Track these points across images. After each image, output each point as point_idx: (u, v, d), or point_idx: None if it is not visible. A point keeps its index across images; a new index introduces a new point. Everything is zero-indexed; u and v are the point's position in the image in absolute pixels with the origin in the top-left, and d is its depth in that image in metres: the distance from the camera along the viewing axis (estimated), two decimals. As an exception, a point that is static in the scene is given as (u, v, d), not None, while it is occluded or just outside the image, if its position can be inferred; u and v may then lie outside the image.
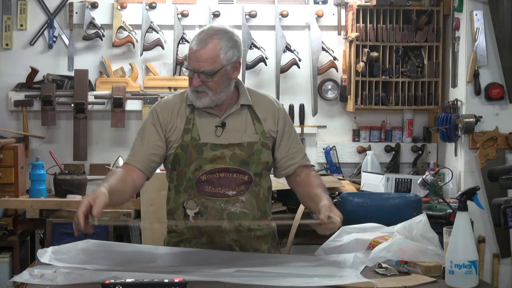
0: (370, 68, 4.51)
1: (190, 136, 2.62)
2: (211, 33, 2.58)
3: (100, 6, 4.52)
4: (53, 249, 2.43)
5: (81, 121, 4.49)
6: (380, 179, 4.09)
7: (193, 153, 2.59)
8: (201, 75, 2.56)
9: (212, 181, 2.60)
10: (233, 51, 2.60)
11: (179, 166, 2.62)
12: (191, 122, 2.64)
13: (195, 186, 2.60)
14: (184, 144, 2.61)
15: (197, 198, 2.60)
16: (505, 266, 4.25)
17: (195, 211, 2.60)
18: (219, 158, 2.60)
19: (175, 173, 2.65)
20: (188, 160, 2.60)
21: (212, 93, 2.59)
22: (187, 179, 2.62)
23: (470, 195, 2.40)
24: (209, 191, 2.60)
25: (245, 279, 2.23)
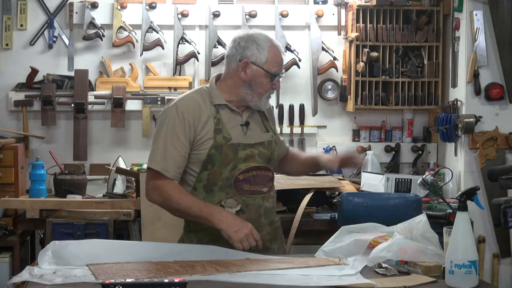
0: (370, 68, 4.51)
1: (221, 136, 2.67)
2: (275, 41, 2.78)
3: (100, 6, 4.52)
4: (53, 247, 2.42)
5: (81, 121, 4.49)
6: (380, 179, 4.09)
7: (229, 154, 2.67)
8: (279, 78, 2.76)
9: (249, 180, 2.70)
10: None
11: (213, 166, 2.67)
12: (220, 122, 2.69)
13: (233, 185, 2.68)
14: (217, 144, 2.66)
15: (237, 197, 2.69)
16: (505, 266, 4.25)
17: (236, 209, 2.68)
18: (250, 157, 2.70)
19: (206, 173, 2.68)
20: (224, 160, 2.66)
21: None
22: (223, 179, 2.68)
23: (470, 195, 2.40)
24: (248, 189, 2.71)
25: (245, 279, 2.24)
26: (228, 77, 2.75)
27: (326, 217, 3.84)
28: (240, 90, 2.71)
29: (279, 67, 2.72)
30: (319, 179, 4.06)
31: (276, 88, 2.76)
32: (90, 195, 4.21)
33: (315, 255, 2.62)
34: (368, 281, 2.23)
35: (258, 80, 2.69)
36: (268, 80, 2.70)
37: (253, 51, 2.68)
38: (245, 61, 2.69)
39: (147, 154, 4.58)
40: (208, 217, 2.59)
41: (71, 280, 2.18)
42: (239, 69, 2.70)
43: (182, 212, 2.66)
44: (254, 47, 2.69)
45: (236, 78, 2.72)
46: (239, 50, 2.71)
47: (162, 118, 2.71)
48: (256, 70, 2.69)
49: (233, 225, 2.56)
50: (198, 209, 2.61)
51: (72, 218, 3.84)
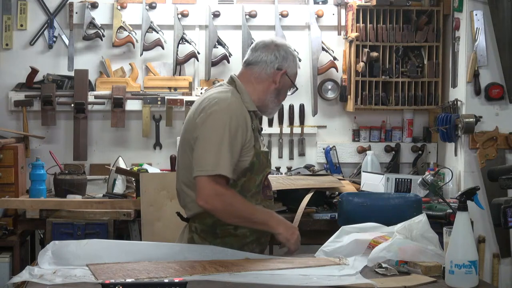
0: (370, 68, 4.51)
1: (258, 143, 2.71)
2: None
3: (100, 6, 4.52)
4: (53, 247, 2.42)
5: (81, 121, 4.49)
6: (380, 179, 4.09)
7: (264, 161, 2.71)
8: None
9: (269, 185, 2.79)
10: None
11: (251, 173, 2.68)
12: (255, 130, 2.72)
13: (261, 192, 2.73)
14: (257, 152, 2.68)
15: (264, 203, 2.74)
16: (505, 266, 4.25)
17: None
18: (270, 163, 2.79)
19: (243, 179, 2.68)
20: (260, 167, 2.70)
21: None
22: (256, 186, 2.71)
23: (470, 195, 2.41)
24: (269, 194, 2.79)
25: (245, 279, 2.24)
26: (259, 81, 2.74)
27: (326, 217, 3.83)
28: (267, 97, 2.75)
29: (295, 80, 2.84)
30: (319, 179, 4.06)
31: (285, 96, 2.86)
32: (90, 195, 4.21)
33: (315, 255, 2.62)
34: (368, 281, 2.23)
35: (285, 89, 2.80)
36: (289, 91, 2.84)
37: (290, 63, 2.77)
38: (284, 71, 2.74)
39: (147, 154, 4.63)
40: (268, 222, 2.66)
41: (71, 280, 2.18)
42: (275, 77, 2.73)
43: (244, 219, 2.64)
44: (291, 59, 2.77)
45: (267, 83, 2.74)
46: (278, 58, 2.74)
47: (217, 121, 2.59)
48: (287, 81, 2.78)
49: (289, 228, 2.69)
50: (260, 215, 2.66)
51: (72, 218, 3.84)
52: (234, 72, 2.85)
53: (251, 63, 2.75)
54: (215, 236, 2.69)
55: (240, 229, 2.68)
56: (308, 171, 4.46)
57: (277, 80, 2.73)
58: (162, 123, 4.56)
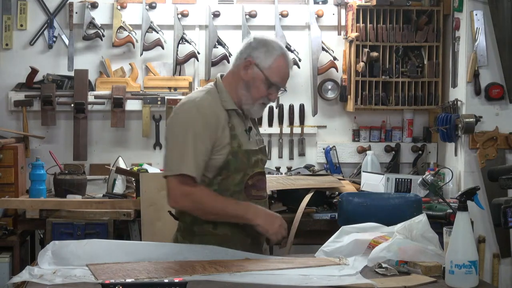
0: (370, 68, 4.51)
1: (237, 142, 2.65)
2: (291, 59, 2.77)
3: (100, 6, 4.52)
4: (53, 247, 2.42)
5: (81, 121, 4.49)
6: (380, 179, 4.09)
7: (244, 160, 2.66)
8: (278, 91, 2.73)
9: (256, 185, 2.72)
10: None
11: (228, 171, 2.65)
12: (234, 128, 2.66)
13: (244, 191, 2.68)
14: (234, 151, 2.64)
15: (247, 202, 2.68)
16: (505, 266, 4.25)
17: None
18: (257, 162, 2.71)
19: (220, 178, 2.66)
20: (239, 166, 2.65)
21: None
22: (235, 185, 2.66)
23: (470, 195, 2.40)
24: (255, 194, 2.72)
25: (245, 279, 2.24)
26: (231, 73, 2.73)
27: (326, 217, 3.84)
28: (238, 90, 2.68)
29: (280, 79, 2.68)
30: (319, 179, 4.06)
31: (272, 99, 2.71)
32: (90, 195, 4.21)
33: (315, 255, 2.62)
34: (368, 281, 2.23)
35: (256, 83, 2.66)
36: (265, 87, 2.66)
37: (260, 54, 2.66)
38: (249, 60, 2.65)
39: (147, 154, 4.63)
40: (244, 215, 2.61)
41: (71, 280, 2.18)
42: (241, 67, 2.67)
43: (217, 215, 2.62)
44: (263, 50, 2.66)
45: (237, 75, 2.69)
46: (248, 49, 2.68)
47: (182, 120, 2.62)
48: (256, 73, 2.65)
49: (268, 218, 2.62)
50: (233, 209, 2.61)
51: (72, 218, 3.84)
52: None
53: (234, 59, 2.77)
54: (193, 234, 2.69)
55: (220, 228, 2.65)
56: (308, 171, 4.46)
57: (242, 69, 2.66)
58: (162, 123, 4.56)
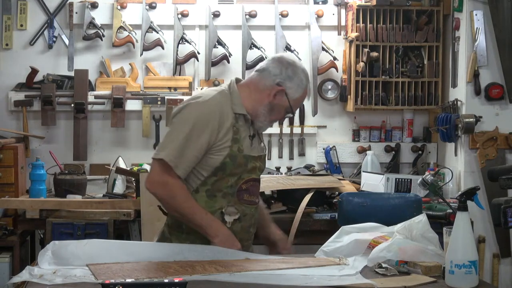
0: (370, 68, 4.51)
1: (238, 146, 2.66)
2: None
3: (100, 6, 4.52)
4: (53, 247, 2.42)
5: (81, 121, 4.49)
6: (380, 179, 4.09)
7: (241, 164, 2.67)
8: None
9: (249, 190, 2.73)
10: None
11: (223, 173, 2.65)
12: (238, 132, 2.67)
13: (236, 194, 2.69)
14: (233, 154, 2.65)
15: (237, 205, 2.70)
16: (505, 266, 4.25)
17: (234, 217, 2.70)
18: (254, 169, 2.73)
19: (214, 179, 2.66)
20: (235, 170, 2.66)
21: None
22: (228, 187, 2.67)
23: (470, 195, 2.40)
24: (247, 199, 2.73)
25: (245, 279, 2.24)
26: (256, 89, 2.72)
27: (326, 217, 3.84)
28: (260, 108, 2.71)
29: (297, 108, 2.84)
30: (319, 179, 4.06)
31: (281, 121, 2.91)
32: (90, 195, 4.21)
33: (315, 255, 2.62)
34: (368, 281, 2.23)
35: (280, 109, 2.73)
36: (284, 113, 2.76)
37: (293, 84, 2.70)
38: (282, 89, 2.69)
39: (147, 154, 4.63)
40: (206, 228, 2.62)
41: (71, 280, 2.18)
42: (272, 91, 2.69)
43: (182, 215, 2.64)
44: (296, 82, 2.70)
45: (264, 95, 2.70)
46: (283, 74, 2.69)
47: (186, 113, 2.63)
48: (284, 101, 2.71)
49: (226, 241, 2.60)
50: (200, 218, 2.62)
51: (72, 218, 3.84)
52: (233, 72, 2.86)
53: (258, 70, 2.74)
54: (181, 231, 2.71)
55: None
56: (308, 171, 4.46)
57: (273, 94, 2.69)
58: (162, 123, 4.56)
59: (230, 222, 2.68)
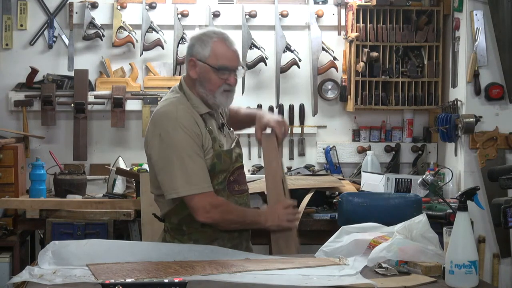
0: (370, 68, 4.51)
1: (217, 144, 2.69)
2: (228, 36, 2.77)
3: (100, 6, 4.52)
4: (53, 247, 2.42)
5: (81, 121, 4.49)
6: (380, 179, 4.09)
7: (227, 160, 2.70)
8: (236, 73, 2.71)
9: (237, 180, 2.76)
10: None
11: (213, 173, 2.67)
12: (212, 131, 2.69)
13: (227, 188, 2.71)
14: (217, 153, 2.67)
15: (230, 198, 2.72)
16: (505, 266, 4.25)
17: None
18: (236, 158, 2.74)
19: None
20: (224, 166, 2.69)
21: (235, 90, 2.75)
22: (218, 183, 2.70)
23: (470, 195, 2.40)
24: (238, 189, 2.76)
25: (245, 279, 2.24)
26: (187, 78, 2.75)
27: (326, 217, 3.84)
28: (197, 90, 2.71)
29: (227, 60, 2.68)
30: (319, 179, 4.06)
31: (231, 83, 2.69)
32: (90, 195, 4.21)
33: (315, 255, 2.62)
34: (368, 281, 2.23)
35: (206, 76, 2.68)
36: (216, 75, 2.67)
37: (197, 49, 2.69)
38: (191, 59, 2.69)
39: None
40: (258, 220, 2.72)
41: (71, 280, 2.18)
42: (190, 69, 2.71)
43: (239, 223, 2.70)
44: (199, 44, 2.70)
45: (191, 78, 2.72)
46: (188, 49, 2.74)
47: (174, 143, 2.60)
48: (202, 67, 2.68)
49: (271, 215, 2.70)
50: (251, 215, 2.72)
51: (72, 218, 3.84)
52: None
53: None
54: (182, 233, 2.73)
55: (207, 226, 2.69)
56: (308, 171, 4.46)
57: (191, 70, 2.70)
58: (162, 123, 4.55)
59: None
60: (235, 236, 2.75)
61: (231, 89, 2.71)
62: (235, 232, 2.74)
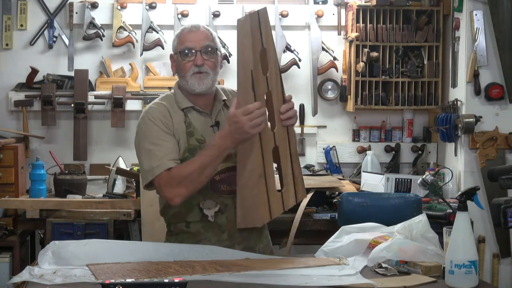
0: (370, 68, 4.51)
1: (194, 139, 2.65)
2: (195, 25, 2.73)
3: (100, 6, 4.52)
4: (53, 247, 2.42)
5: (81, 121, 4.49)
6: (380, 179, 4.09)
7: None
8: (203, 53, 2.66)
9: (226, 180, 2.66)
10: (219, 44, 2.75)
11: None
12: (191, 125, 2.67)
13: (210, 187, 2.64)
14: (191, 148, 2.63)
15: (215, 198, 2.65)
16: (505, 266, 4.25)
17: (215, 210, 2.65)
18: (226, 157, 2.59)
19: None
20: None
21: (212, 73, 2.68)
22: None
23: (470, 195, 2.40)
24: (226, 189, 2.66)
25: (245, 279, 2.24)
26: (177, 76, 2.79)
27: (326, 217, 3.84)
28: (181, 83, 2.72)
29: (189, 42, 2.67)
30: (319, 179, 4.06)
31: (197, 63, 2.64)
32: (90, 195, 4.21)
33: (315, 255, 2.62)
34: (368, 281, 2.23)
35: (179, 65, 2.69)
36: (184, 60, 2.66)
37: (173, 44, 2.75)
38: (170, 55, 2.76)
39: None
40: (216, 151, 2.50)
41: (71, 280, 2.19)
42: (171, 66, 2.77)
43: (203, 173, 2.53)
44: (173, 40, 2.75)
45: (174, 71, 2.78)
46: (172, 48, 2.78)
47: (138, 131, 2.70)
48: (176, 58, 2.72)
49: (232, 131, 2.45)
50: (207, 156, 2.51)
51: (72, 218, 3.84)
52: (233, 72, 2.85)
53: None
54: (170, 233, 2.73)
55: (192, 226, 2.66)
56: (308, 171, 4.46)
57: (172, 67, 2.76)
58: (162, 123, 4.55)
59: (212, 216, 2.65)
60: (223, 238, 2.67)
61: (201, 70, 2.65)
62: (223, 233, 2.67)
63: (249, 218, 2.56)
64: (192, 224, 2.67)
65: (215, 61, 2.69)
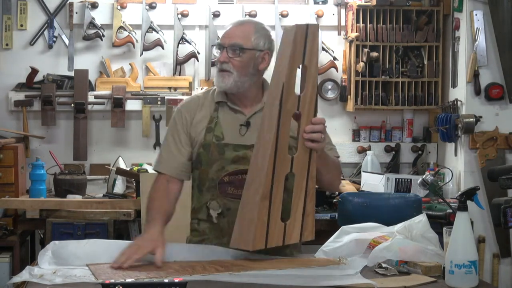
0: (370, 68, 4.52)
1: (212, 135, 2.59)
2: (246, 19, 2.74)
3: (100, 6, 4.52)
4: (53, 247, 2.42)
5: (81, 121, 4.49)
6: (380, 179, 4.09)
7: (215, 153, 2.57)
8: (229, 51, 2.55)
9: (235, 183, 2.57)
10: (265, 41, 2.59)
11: (201, 165, 2.60)
12: (214, 121, 2.61)
13: (217, 187, 2.59)
14: (206, 143, 2.59)
15: (219, 199, 2.60)
16: (505, 266, 4.25)
17: (218, 212, 2.60)
18: (242, 159, 2.55)
19: (197, 172, 2.63)
20: (210, 160, 2.58)
21: (236, 73, 2.55)
22: (209, 179, 2.60)
23: (470, 195, 2.40)
24: (232, 192, 2.58)
25: (245, 279, 2.24)
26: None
27: (326, 217, 3.84)
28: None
29: (222, 37, 2.61)
30: (319, 179, 4.05)
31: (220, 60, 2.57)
32: (90, 195, 4.21)
33: (315, 255, 2.61)
34: (368, 281, 2.23)
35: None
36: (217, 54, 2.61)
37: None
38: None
39: (147, 154, 4.63)
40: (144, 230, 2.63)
41: (71, 280, 2.18)
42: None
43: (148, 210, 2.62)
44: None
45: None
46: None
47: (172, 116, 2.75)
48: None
49: (136, 242, 2.47)
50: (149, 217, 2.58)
51: (72, 218, 3.84)
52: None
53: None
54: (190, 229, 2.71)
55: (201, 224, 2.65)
56: (308, 171, 4.45)
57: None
58: (162, 123, 4.56)
59: (215, 217, 2.61)
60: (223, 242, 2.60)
61: (223, 68, 2.57)
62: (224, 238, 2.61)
63: (242, 239, 2.36)
64: (201, 222, 2.66)
65: (243, 61, 2.54)
